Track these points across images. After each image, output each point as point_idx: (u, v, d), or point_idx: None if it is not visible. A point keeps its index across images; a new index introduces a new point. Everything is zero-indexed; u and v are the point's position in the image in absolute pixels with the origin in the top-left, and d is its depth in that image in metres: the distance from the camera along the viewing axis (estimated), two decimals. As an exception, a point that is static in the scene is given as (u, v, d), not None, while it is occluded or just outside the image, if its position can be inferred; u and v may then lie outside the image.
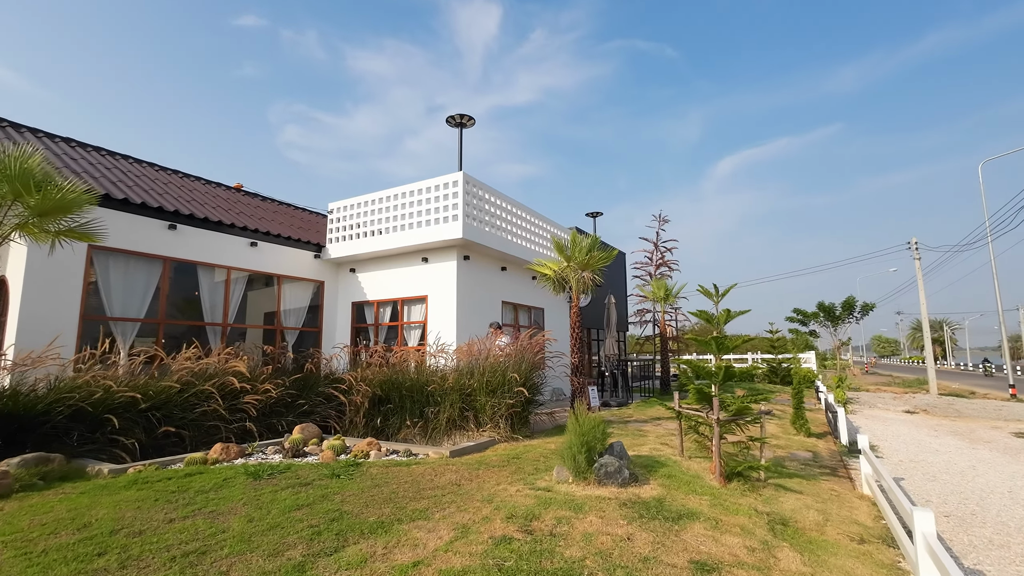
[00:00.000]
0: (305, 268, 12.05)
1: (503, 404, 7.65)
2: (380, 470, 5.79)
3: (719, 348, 6.46)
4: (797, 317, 39.61)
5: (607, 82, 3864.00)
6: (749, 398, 6.18)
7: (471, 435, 7.78)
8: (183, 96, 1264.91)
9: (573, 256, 9.11)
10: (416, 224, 10.85)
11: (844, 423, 9.84)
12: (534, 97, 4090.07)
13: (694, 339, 6.62)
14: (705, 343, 6.49)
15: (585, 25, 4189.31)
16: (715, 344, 6.41)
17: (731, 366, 6.16)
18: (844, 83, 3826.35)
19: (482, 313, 11.51)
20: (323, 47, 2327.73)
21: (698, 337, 6.30)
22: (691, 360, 6.05)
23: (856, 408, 16.47)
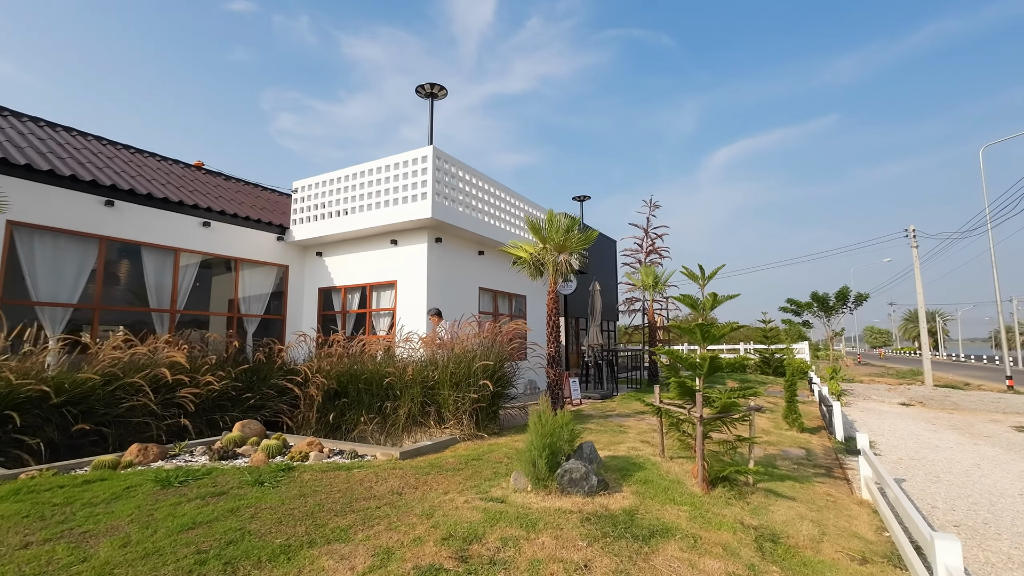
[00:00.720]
0: (267, 251, 11.22)
1: (467, 399, 6.92)
2: (314, 476, 5.05)
3: (704, 337, 5.74)
4: (791, 307, 39.15)
5: (603, 71, 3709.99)
6: (737, 392, 5.47)
7: (433, 432, 7.06)
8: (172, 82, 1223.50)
9: (550, 237, 8.35)
10: (384, 203, 10.04)
11: (839, 418, 9.20)
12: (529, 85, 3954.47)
13: (676, 326, 5.89)
14: (689, 331, 5.77)
15: (581, 12, 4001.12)
16: (699, 332, 5.69)
17: (717, 357, 5.45)
18: (841, 74, 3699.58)
19: (457, 300, 10.75)
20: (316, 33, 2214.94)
21: (681, 324, 5.57)
22: (673, 350, 5.32)
23: (850, 400, 15.89)
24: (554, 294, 8.64)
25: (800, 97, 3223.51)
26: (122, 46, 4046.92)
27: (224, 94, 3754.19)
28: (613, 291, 21.72)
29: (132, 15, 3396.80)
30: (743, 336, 41.26)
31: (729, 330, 5.79)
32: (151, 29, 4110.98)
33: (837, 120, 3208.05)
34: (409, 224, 9.97)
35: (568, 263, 8.94)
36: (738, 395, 5.43)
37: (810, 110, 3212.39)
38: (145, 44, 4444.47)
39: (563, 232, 8.29)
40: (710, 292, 5.92)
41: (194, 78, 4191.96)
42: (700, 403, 5.22)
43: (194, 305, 9.95)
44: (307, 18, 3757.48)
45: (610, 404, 11.26)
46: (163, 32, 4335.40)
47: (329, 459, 5.70)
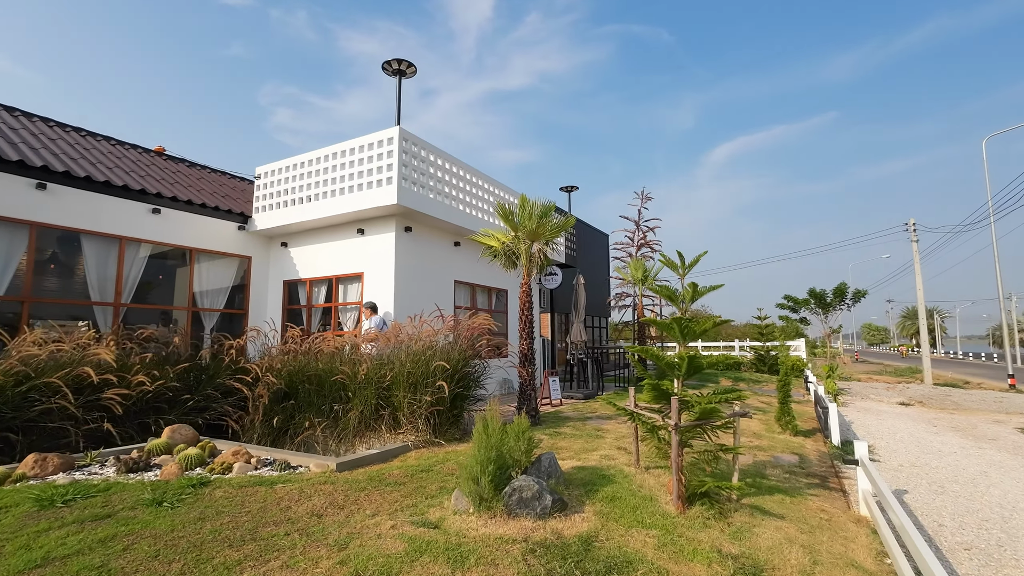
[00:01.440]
0: (228, 241, 10.51)
1: (423, 401, 6.24)
2: (228, 493, 4.37)
3: (683, 333, 5.07)
4: (788, 304, 38.50)
5: (602, 67, 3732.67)
6: (719, 396, 4.80)
7: (387, 438, 6.38)
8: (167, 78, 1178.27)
9: (522, 224, 7.65)
10: (348, 189, 9.33)
11: (836, 420, 8.55)
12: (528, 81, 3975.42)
13: (653, 322, 5.22)
14: (666, 326, 5.10)
15: (581, 8, 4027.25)
16: (678, 328, 5.02)
17: (698, 356, 4.78)
18: (839, 71, 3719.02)
19: (430, 294, 10.06)
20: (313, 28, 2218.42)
21: (657, 320, 4.89)
22: (648, 348, 4.64)
23: (847, 400, 15.27)
24: (527, 287, 7.96)
25: (799, 94, 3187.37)
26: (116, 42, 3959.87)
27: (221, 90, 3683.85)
28: (604, 286, 21.05)
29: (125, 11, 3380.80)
30: (739, 333, 40.69)
31: (711, 325, 5.11)
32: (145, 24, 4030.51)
33: (836, 118, 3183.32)
34: (375, 211, 9.27)
35: (544, 253, 8.25)
36: (720, 399, 4.76)
37: (809, 107, 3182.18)
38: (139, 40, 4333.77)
39: (536, 218, 7.60)
40: (690, 283, 5.24)
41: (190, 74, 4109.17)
42: (676, 409, 4.54)
43: (144, 298, 9.24)
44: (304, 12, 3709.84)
45: (592, 405, 10.59)
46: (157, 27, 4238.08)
47: (256, 471, 5.01)
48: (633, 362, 5.40)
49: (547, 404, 10.13)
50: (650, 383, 4.93)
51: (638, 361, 5.45)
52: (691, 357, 4.77)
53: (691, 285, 5.12)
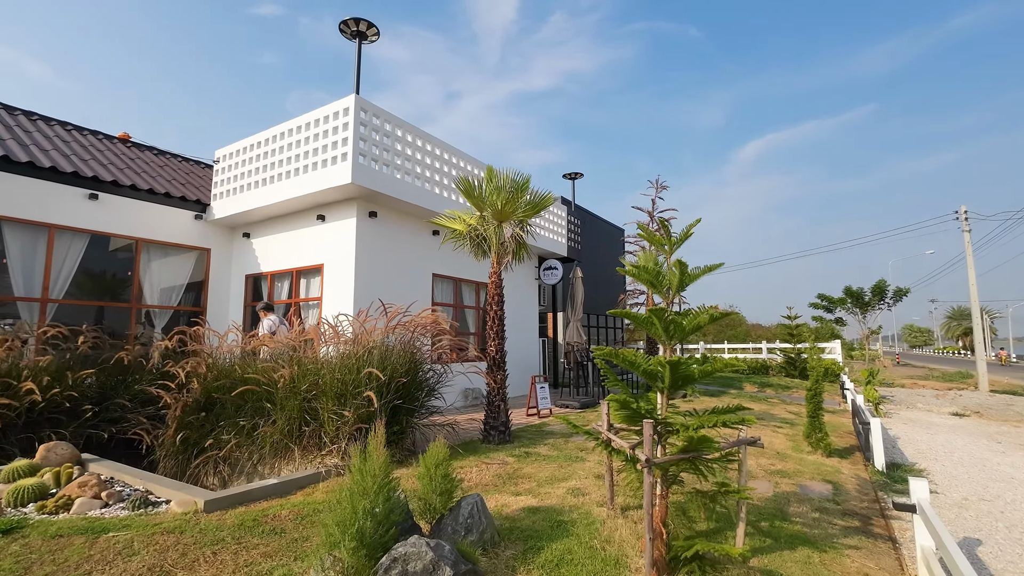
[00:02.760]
0: (183, 232, 9.53)
1: (351, 415, 5.02)
2: (28, 545, 3.21)
3: (667, 329, 3.71)
4: (822, 303, 36.04)
5: (628, 65, 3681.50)
6: (714, 418, 3.42)
7: (314, 460, 5.18)
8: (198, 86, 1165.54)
9: (489, 201, 6.37)
10: (303, 169, 8.20)
11: (880, 438, 6.98)
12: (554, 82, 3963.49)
13: (627, 315, 3.86)
14: (643, 321, 3.75)
15: (606, 6, 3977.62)
16: (659, 323, 3.66)
17: (684, 363, 3.42)
18: (876, 63, 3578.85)
19: (402, 289, 8.86)
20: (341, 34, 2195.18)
21: (632, 313, 3.52)
22: (619, 351, 3.26)
23: (891, 409, 13.44)
24: (496, 278, 6.66)
25: (833, 88, 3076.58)
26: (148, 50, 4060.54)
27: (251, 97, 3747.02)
28: (619, 284, 19.56)
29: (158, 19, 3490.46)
30: (769, 335, 38.37)
31: (708, 320, 3.74)
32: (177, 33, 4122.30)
33: (872, 111, 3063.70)
34: (332, 194, 8.12)
35: (519, 238, 6.94)
36: (717, 422, 3.38)
37: (844, 101, 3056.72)
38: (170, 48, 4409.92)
39: (505, 194, 6.30)
40: (676, 260, 3.86)
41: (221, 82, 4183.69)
42: (650, 437, 3.19)
43: (80, 294, 8.29)
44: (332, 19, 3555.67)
45: (588, 416, 9.21)
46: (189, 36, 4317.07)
47: (103, 508, 3.87)
48: (603, 369, 4.05)
49: (534, 414, 8.80)
50: (616, 399, 3.58)
51: (608, 367, 4.10)
52: (675, 363, 3.41)
53: (677, 264, 3.75)
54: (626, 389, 4.11)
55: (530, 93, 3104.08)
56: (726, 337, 45.63)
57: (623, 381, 4.15)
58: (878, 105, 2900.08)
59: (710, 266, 3.86)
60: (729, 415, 3.62)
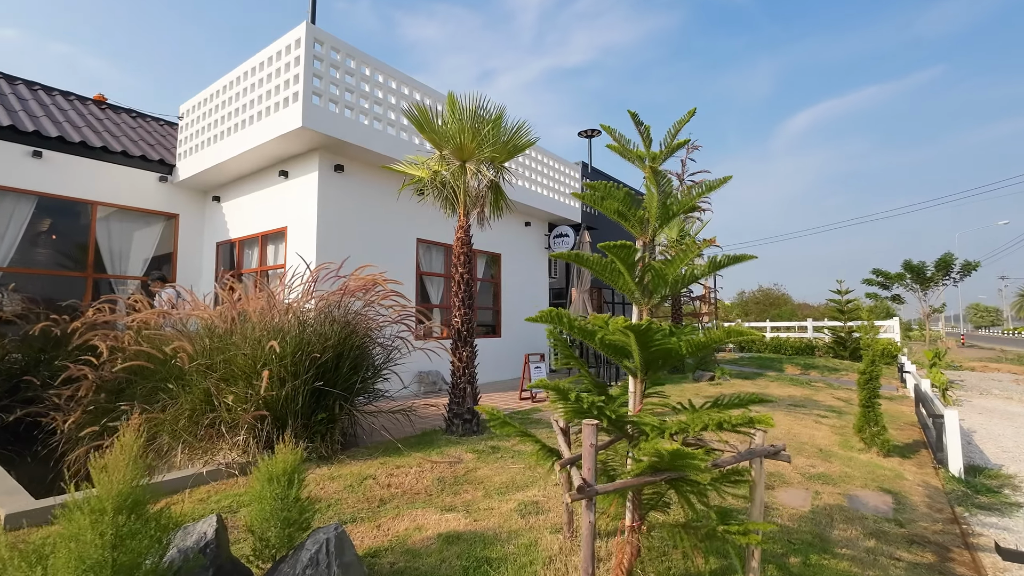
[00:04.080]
0: (147, 196, 8.71)
1: (250, 399, 3.96)
2: None
3: (644, 280, 2.43)
4: (877, 279, 32.98)
5: (670, 35, 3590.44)
6: (706, 418, 2.12)
7: (225, 453, 4.16)
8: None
9: (450, 136, 5.11)
10: (257, 116, 7.14)
11: (956, 437, 5.43)
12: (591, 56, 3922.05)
13: (569, 256, 2.52)
14: (605, 269, 2.47)
15: None
16: (624, 266, 2.37)
17: (660, 331, 2.15)
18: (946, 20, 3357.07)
19: (374, 255, 7.75)
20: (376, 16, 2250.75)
21: (580, 254, 2.19)
22: (566, 313, 1.94)
23: (962, 395, 11.52)
24: (463, 233, 5.43)
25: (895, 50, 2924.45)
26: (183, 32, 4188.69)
27: None
28: (647, 257, 18.03)
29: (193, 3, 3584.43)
30: (817, 314, 35.71)
31: (709, 266, 2.43)
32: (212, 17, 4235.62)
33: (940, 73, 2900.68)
34: (290, 145, 7.04)
35: (496, 187, 5.67)
36: (706, 423, 2.08)
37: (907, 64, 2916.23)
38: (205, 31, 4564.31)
39: (470, 124, 5.02)
40: (650, 163, 2.52)
41: None
42: (591, 449, 1.94)
43: (27, 262, 7.57)
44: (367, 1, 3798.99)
45: (592, 400, 7.97)
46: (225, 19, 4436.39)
47: None
48: (553, 342, 2.76)
49: (528, 398, 7.59)
50: (555, 387, 2.32)
51: (560, 339, 2.83)
52: (644, 331, 2.12)
53: (650, 175, 2.42)
54: (586, 372, 2.86)
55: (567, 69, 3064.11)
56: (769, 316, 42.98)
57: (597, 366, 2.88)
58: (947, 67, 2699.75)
59: (738, 255, 2.44)
60: (733, 411, 2.31)
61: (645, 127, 2.66)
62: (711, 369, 10.94)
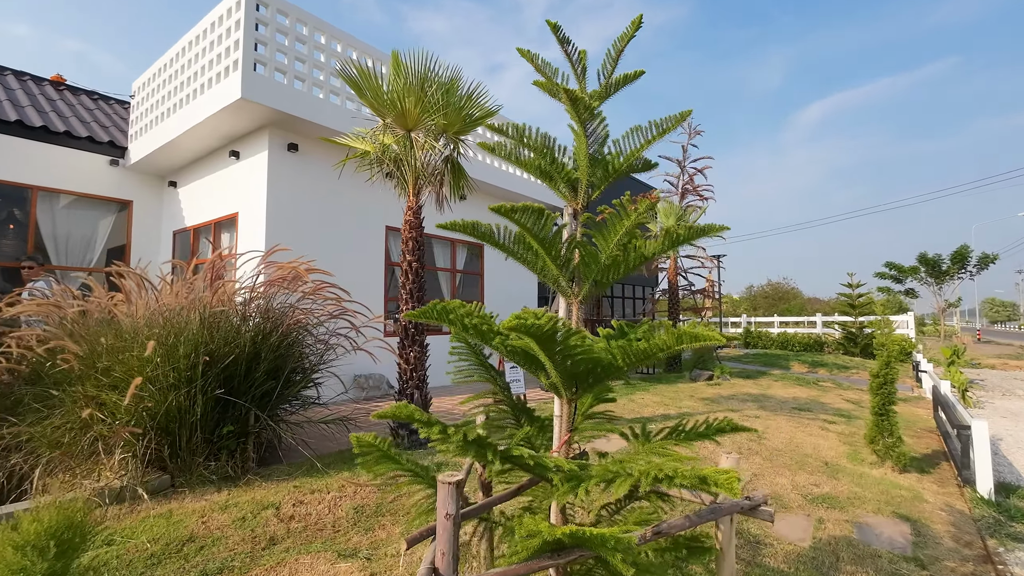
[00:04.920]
0: (96, 181, 8.07)
1: (132, 412, 3.29)
2: None
3: (570, 262, 1.71)
4: (890, 273, 31.84)
5: (679, 25, 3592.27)
6: (643, 464, 1.41)
7: (101, 476, 3.49)
8: None
9: (390, 100, 4.39)
10: (200, 89, 6.46)
11: (986, 452, 4.66)
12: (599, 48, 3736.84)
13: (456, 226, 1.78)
14: (512, 249, 1.75)
15: None
16: (537, 241, 1.66)
17: (576, 335, 1.44)
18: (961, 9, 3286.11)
19: (336, 245, 7.09)
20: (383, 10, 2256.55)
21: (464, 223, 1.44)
22: (453, 305, 1.18)
23: (982, 396, 10.67)
24: (413, 214, 4.72)
25: (909, 40, 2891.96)
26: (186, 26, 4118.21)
27: None
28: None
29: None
30: (827, 309, 34.72)
31: (666, 243, 1.71)
32: None
33: (956, 63, 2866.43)
34: (237, 121, 6.35)
35: (454, 163, 4.95)
36: (639, 478, 1.37)
37: (923, 54, 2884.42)
38: None
39: (416, 85, 4.29)
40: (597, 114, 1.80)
41: None
42: (446, 536, 1.23)
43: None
44: None
45: (574, 403, 7.26)
46: None
47: None
48: (452, 350, 2.01)
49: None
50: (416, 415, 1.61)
51: (466, 344, 2.11)
52: (547, 334, 1.39)
53: (568, 99, 1.68)
54: (498, 384, 2.16)
55: None
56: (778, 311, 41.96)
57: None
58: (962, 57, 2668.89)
59: (704, 226, 1.68)
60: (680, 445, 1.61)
61: (580, 53, 1.93)
62: (710, 367, 10.18)
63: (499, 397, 2.05)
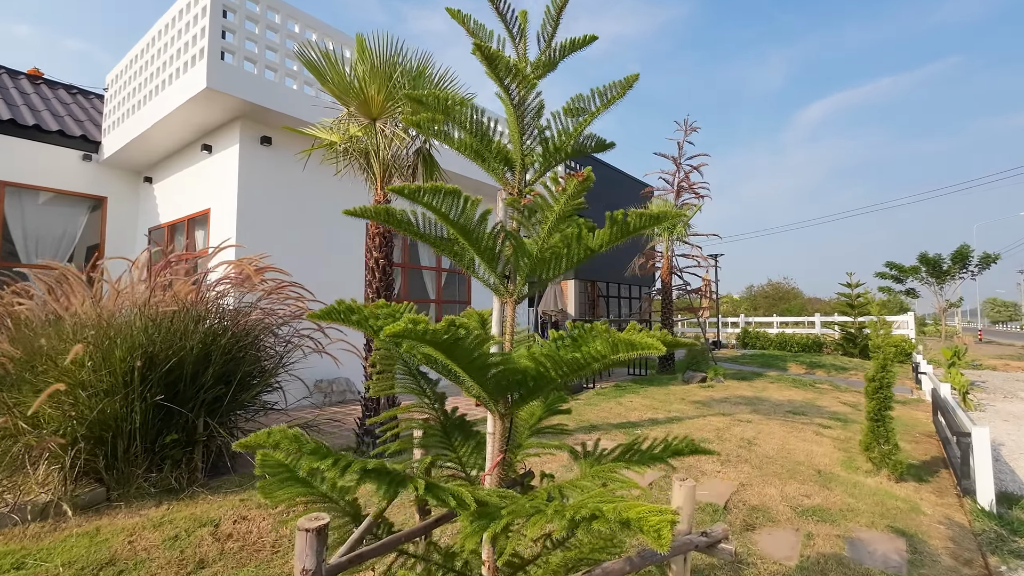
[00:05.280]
0: (67, 176, 7.82)
1: (63, 419, 3.03)
2: None
3: (493, 250, 1.46)
4: (890, 272, 31.53)
5: (680, 25, 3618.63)
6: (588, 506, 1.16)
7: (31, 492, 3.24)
8: None
9: (354, 87, 4.13)
10: (168, 80, 6.20)
11: (987, 460, 4.40)
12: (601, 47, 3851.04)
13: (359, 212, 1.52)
14: (423, 234, 1.50)
15: None
16: (452, 224, 1.40)
17: (474, 341, 1.18)
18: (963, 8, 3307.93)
19: (313, 243, 6.84)
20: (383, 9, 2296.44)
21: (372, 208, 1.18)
22: (339, 307, 0.92)
23: (983, 399, 10.40)
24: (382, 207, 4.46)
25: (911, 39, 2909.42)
26: None
27: None
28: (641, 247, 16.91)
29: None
30: (827, 309, 34.46)
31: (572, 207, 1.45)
32: None
33: (957, 63, 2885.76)
34: (208, 112, 6.10)
35: (426, 154, 4.69)
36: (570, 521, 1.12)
37: (924, 54, 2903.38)
38: None
39: (383, 70, 4.03)
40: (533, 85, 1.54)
41: None
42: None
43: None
44: None
45: (559, 406, 7.02)
46: None
47: None
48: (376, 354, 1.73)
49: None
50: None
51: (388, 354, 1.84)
52: (449, 341, 1.14)
53: (486, 58, 1.43)
54: (425, 396, 1.90)
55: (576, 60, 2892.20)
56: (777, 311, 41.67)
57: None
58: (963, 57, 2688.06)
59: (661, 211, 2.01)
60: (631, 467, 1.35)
61: (518, 14, 1.67)
62: (703, 369, 9.92)
63: (425, 413, 1.79)
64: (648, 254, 13.20)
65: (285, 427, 1.23)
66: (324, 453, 1.20)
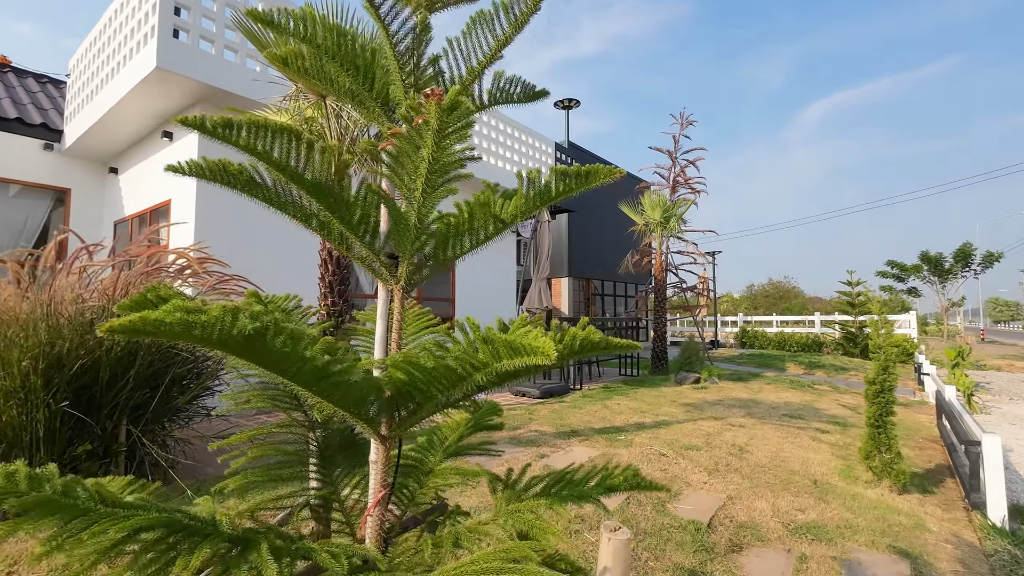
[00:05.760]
0: (28, 166, 7.44)
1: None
2: None
3: (368, 221, 1.08)
4: (892, 271, 31.15)
5: (681, 25, 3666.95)
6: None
7: None
8: None
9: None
10: (123, 62, 5.82)
11: (999, 471, 4.01)
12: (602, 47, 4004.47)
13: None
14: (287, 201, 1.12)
15: None
16: (313, 187, 1.02)
17: (291, 338, 0.83)
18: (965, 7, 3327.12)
19: (279, 237, 6.44)
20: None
21: (224, 162, 0.78)
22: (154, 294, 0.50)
23: (988, 401, 10.00)
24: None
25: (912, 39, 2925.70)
26: None
27: None
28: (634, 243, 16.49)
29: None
30: (828, 308, 34.07)
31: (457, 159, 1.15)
32: None
33: (959, 62, 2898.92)
34: (163, 97, 5.72)
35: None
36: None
37: (925, 54, 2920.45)
38: None
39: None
40: None
41: None
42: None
43: None
44: None
45: (539, 410, 6.66)
46: None
47: None
48: None
49: (461, 407, 6.28)
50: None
51: None
52: (254, 337, 0.75)
53: None
54: (290, 407, 1.53)
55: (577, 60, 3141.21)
56: (778, 310, 41.29)
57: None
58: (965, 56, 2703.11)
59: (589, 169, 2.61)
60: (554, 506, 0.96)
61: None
62: (697, 369, 9.53)
63: (288, 434, 1.41)
64: (643, 251, 12.80)
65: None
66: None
